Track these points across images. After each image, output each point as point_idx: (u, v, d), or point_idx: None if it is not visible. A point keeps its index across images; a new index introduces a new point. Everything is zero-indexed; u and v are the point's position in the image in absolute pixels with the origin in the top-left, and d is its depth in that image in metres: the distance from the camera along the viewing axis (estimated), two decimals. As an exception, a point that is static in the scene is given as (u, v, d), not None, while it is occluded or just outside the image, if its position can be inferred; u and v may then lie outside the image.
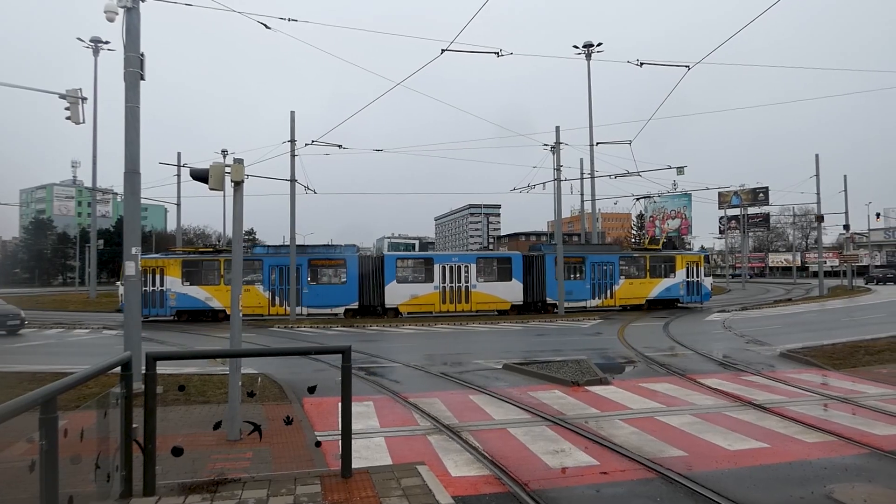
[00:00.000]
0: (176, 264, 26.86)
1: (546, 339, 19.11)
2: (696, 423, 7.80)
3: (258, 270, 27.15)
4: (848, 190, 47.19)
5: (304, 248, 28.98)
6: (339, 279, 27.66)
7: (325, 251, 29.07)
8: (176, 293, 26.49)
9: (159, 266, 26.76)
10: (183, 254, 28.09)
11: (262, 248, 29.02)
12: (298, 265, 26.79)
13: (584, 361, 12.65)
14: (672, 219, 78.75)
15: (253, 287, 26.90)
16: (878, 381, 10.57)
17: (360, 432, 7.35)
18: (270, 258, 27.36)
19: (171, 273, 26.62)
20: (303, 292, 27.07)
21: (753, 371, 11.88)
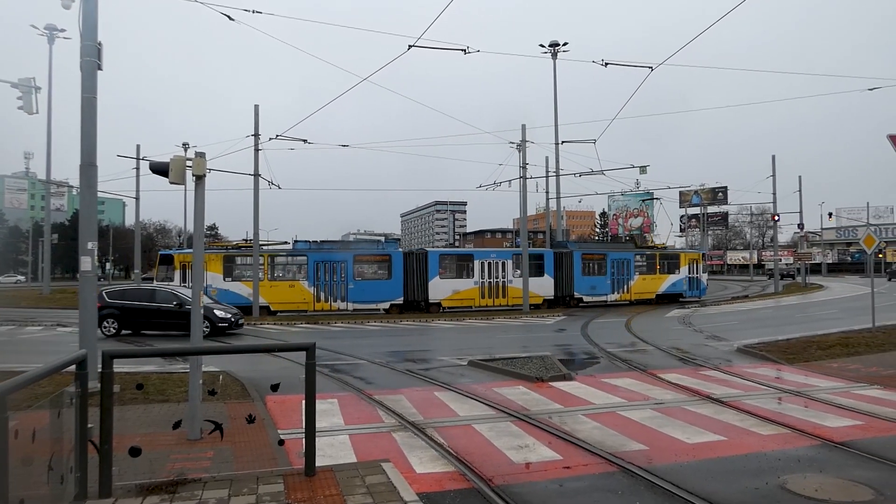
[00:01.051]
0: (217, 260, 26.27)
1: (511, 336, 19.24)
2: (657, 417, 7.96)
3: (303, 266, 27.18)
4: (802, 190, 48.74)
5: (348, 244, 30.20)
6: (385, 275, 28.01)
7: (368, 247, 29.78)
8: (217, 289, 25.83)
9: None
10: (224, 249, 27.59)
11: (304, 244, 28.82)
12: (344, 261, 27.18)
13: (548, 357, 12.78)
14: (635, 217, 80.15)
15: (298, 283, 27.01)
16: (829, 374, 10.94)
17: (324, 430, 7.29)
18: (315, 254, 27.36)
19: (212, 269, 25.93)
20: (348, 288, 27.32)
21: (712, 366, 12.18)
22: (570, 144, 34.83)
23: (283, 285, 26.87)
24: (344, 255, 27.42)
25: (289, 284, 26.89)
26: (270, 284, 26.52)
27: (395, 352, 15.25)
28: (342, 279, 26.97)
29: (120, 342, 17.68)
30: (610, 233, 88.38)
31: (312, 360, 5.28)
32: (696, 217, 75.74)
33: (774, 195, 43.74)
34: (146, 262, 58.55)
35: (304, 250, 27.63)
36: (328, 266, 27.17)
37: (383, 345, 17.00)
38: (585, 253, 31.80)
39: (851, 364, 11.84)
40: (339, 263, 27.16)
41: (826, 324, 19.80)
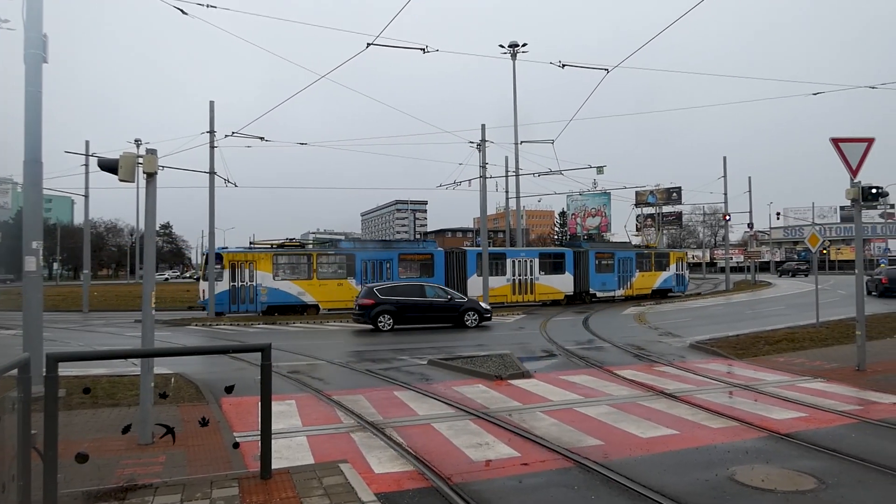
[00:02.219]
0: (267, 258, 26.41)
1: (472, 335, 19.31)
2: (612, 412, 8.11)
3: (351, 265, 27.68)
4: (752, 191, 50.39)
5: (389, 242, 31.75)
6: (427, 273, 28.65)
7: (410, 246, 30.79)
8: (267, 288, 26.03)
9: (249, 260, 26.18)
10: (273, 248, 27.66)
11: (348, 243, 29.86)
12: (389, 259, 28.10)
13: (507, 356, 12.89)
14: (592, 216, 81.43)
15: (346, 281, 27.41)
16: (776, 368, 11.33)
17: (281, 432, 7.19)
18: (363, 253, 28.20)
19: (262, 267, 26.10)
20: None
21: (665, 362, 12.47)
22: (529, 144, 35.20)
23: (332, 284, 27.28)
24: (389, 254, 28.37)
25: (337, 283, 27.33)
26: (319, 283, 27.00)
27: (355, 352, 15.15)
28: (388, 278, 27.63)
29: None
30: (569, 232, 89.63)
31: (268, 361, 5.19)
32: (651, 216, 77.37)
33: (726, 195, 45.11)
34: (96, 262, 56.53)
35: (352, 249, 28.53)
36: (375, 265, 27.99)
37: (343, 345, 16.87)
38: (598, 252, 33.67)
39: (797, 358, 12.29)
40: (384, 262, 28.07)
41: (774, 320, 20.50)
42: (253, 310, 26.00)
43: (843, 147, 10.55)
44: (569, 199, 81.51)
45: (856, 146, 10.57)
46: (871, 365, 10.94)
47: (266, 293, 25.97)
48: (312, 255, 27.37)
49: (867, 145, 10.60)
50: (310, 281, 26.76)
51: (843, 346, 13.24)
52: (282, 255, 27.02)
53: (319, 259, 27.45)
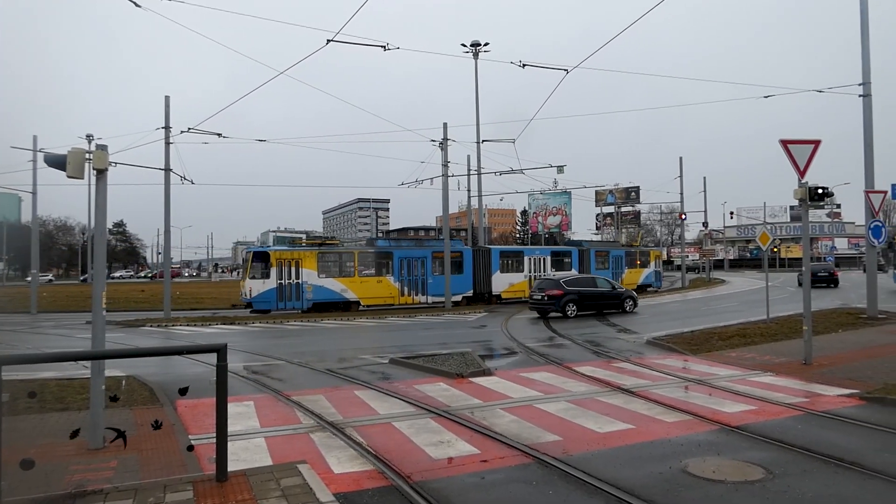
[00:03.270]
0: (312, 257, 27.07)
1: (433, 333, 19.33)
2: (571, 408, 8.23)
3: (389, 263, 28.79)
4: (707, 191, 51.76)
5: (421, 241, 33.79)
6: (457, 270, 30.09)
7: (440, 244, 31.00)
8: (312, 285, 26.75)
9: (295, 258, 26.73)
10: (317, 246, 28.45)
11: (385, 242, 30.88)
12: (423, 257, 29.39)
13: (468, 354, 12.94)
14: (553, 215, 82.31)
15: (385, 278, 28.60)
16: (729, 363, 11.67)
17: (238, 433, 7.08)
18: (400, 251, 29.35)
19: (308, 265, 26.77)
20: (428, 282, 29.42)
21: (623, 358, 12.71)
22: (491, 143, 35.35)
23: (372, 281, 28.33)
24: (424, 252, 29.67)
25: (376, 280, 28.43)
26: (361, 280, 28.02)
27: (315, 351, 15.00)
28: (422, 274, 29.19)
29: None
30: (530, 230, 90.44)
31: (224, 362, 5.10)
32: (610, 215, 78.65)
33: (682, 195, 46.26)
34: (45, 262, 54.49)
35: (390, 248, 29.60)
36: (411, 262, 29.19)
37: (303, 345, 16.68)
38: (597, 250, 36.60)
39: (748, 353, 12.68)
40: (419, 260, 29.30)
41: (727, 316, 21.11)
42: (298, 307, 26.53)
43: (792, 148, 10.92)
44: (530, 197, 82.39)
45: (803, 148, 10.95)
46: (817, 359, 11.36)
47: (311, 290, 26.73)
48: (355, 252, 28.56)
49: (814, 147, 10.99)
50: (352, 278, 27.84)
51: (791, 341, 13.71)
52: (326, 253, 27.85)
53: (361, 257, 28.52)
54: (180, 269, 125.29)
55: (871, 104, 18.04)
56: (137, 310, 29.86)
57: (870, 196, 17.27)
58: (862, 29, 17.86)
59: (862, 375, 9.94)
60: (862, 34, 17.87)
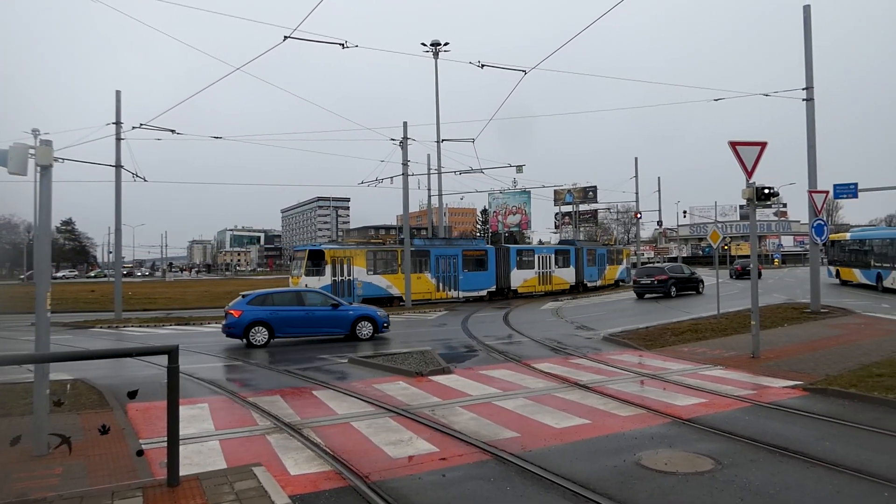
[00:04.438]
0: (361, 255, 28.62)
1: (393, 332, 19.27)
2: (529, 405, 8.30)
3: (427, 260, 30.46)
4: (661, 190, 52.91)
5: (451, 241, 35.63)
6: (483, 267, 32.34)
7: (467, 243, 34.50)
8: (362, 282, 28.13)
9: (347, 256, 28.02)
10: (364, 245, 30.39)
11: (421, 241, 32.16)
12: (455, 255, 31.34)
13: (428, 352, 12.93)
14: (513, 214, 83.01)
15: (424, 275, 30.27)
16: (681, 358, 11.96)
17: (191, 437, 6.91)
18: (436, 249, 31.03)
19: (358, 263, 28.23)
20: (459, 279, 31.32)
21: (580, 354, 12.90)
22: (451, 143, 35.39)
23: (413, 277, 29.46)
24: (455, 251, 31.63)
25: (416, 276, 29.81)
26: (403, 277, 29.20)
27: (273, 352, 14.77)
28: (454, 271, 31.16)
29: None
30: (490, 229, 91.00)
31: (175, 364, 4.97)
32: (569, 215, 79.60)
33: (637, 195, 47.28)
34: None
35: (427, 246, 31.10)
36: (445, 260, 31.07)
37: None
38: (588, 248, 39.98)
39: (699, 347, 13.02)
40: (452, 258, 31.20)
41: (680, 312, 21.65)
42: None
43: (740, 150, 11.25)
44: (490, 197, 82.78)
45: (751, 149, 11.29)
46: (765, 352, 11.74)
47: (361, 287, 28.03)
48: (398, 251, 29.73)
49: (761, 148, 11.35)
50: (396, 275, 29.27)
51: (740, 336, 14.14)
52: (375, 251, 29.66)
53: (404, 255, 29.43)
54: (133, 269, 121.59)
55: (813, 108, 18.74)
56: (87, 311, 28.84)
57: (813, 196, 17.95)
58: (805, 35, 18.53)
59: (805, 367, 10.32)
60: (805, 40, 18.54)
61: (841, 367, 10.13)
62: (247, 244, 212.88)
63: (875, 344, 12.55)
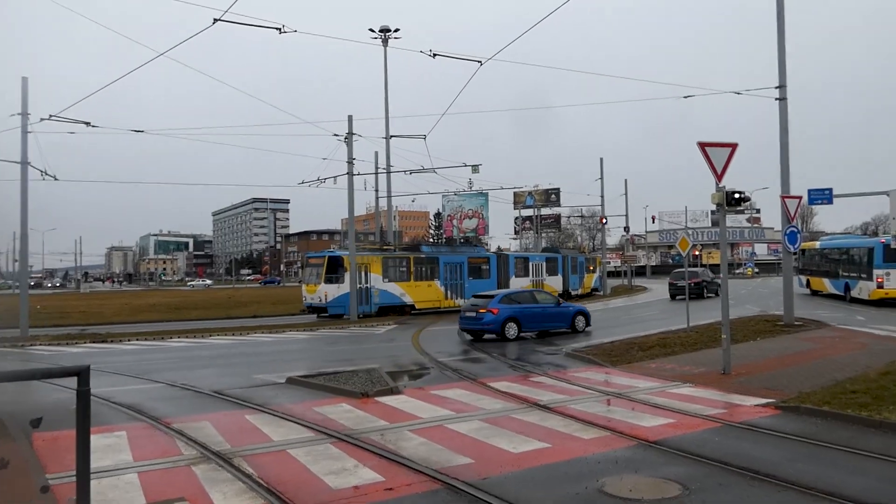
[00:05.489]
0: (378, 261, 30.15)
1: (338, 348, 19.15)
2: (485, 428, 8.36)
3: (436, 268, 32.43)
4: (628, 193, 54.01)
5: (456, 248, 37.73)
6: (486, 274, 34.56)
7: (470, 250, 36.47)
8: (379, 290, 29.79)
9: (364, 263, 29.33)
10: (379, 251, 31.94)
11: (429, 248, 34.79)
12: (460, 263, 33.42)
13: (375, 370, 12.89)
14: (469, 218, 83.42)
15: (433, 283, 32.26)
16: (649, 375, 12.24)
17: (106, 470, 6.71)
18: (445, 256, 33.23)
19: (374, 270, 29.77)
20: (465, 287, 32.87)
21: (541, 372, 13.06)
22: (401, 140, 35.44)
23: (423, 285, 31.77)
24: (460, 258, 33.70)
25: (427, 284, 31.95)
26: (415, 284, 31.32)
27: (202, 372, 14.47)
28: (460, 279, 33.16)
29: None
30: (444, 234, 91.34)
31: (86, 387, 4.77)
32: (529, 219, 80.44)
33: (602, 198, 48.13)
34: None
35: (436, 253, 33.41)
36: (453, 267, 33.05)
37: (187, 364, 16.04)
38: (572, 257, 43.71)
39: (668, 363, 13.35)
40: (458, 265, 33.26)
41: (648, 325, 22.16)
42: (368, 311, 29.03)
43: (710, 151, 11.62)
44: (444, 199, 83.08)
45: (721, 151, 11.67)
46: (736, 367, 12.13)
47: (378, 294, 29.69)
48: (410, 258, 31.86)
49: (731, 150, 11.74)
50: (408, 283, 31.22)
51: (710, 350, 14.55)
52: (389, 258, 31.20)
53: (416, 261, 31.73)
54: (42, 280, 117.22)
55: (787, 107, 19.51)
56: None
57: (785, 201, 18.69)
58: (778, 30, 19.32)
59: (778, 384, 10.71)
60: (778, 36, 19.33)
61: (814, 383, 10.55)
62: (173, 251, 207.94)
63: (850, 358, 13.12)
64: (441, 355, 16.05)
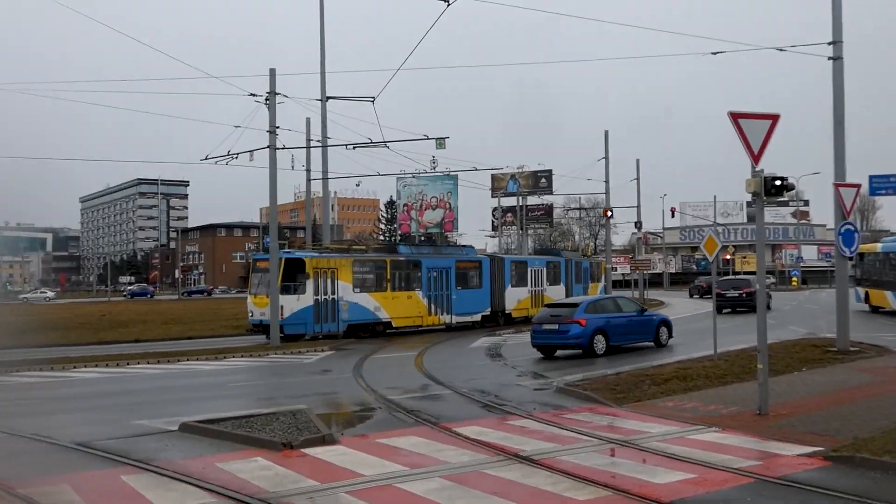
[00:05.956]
0: (347, 265, 30.45)
1: (253, 383, 19.01)
2: (447, 488, 8.38)
3: (417, 274, 33.16)
4: (641, 178, 54.40)
5: (439, 248, 39.15)
6: (477, 283, 35.60)
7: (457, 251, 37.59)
8: (348, 302, 29.91)
9: (331, 268, 29.60)
10: (348, 251, 32.48)
11: (407, 248, 35.53)
12: (447, 268, 34.18)
13: (302, 413, 12.80)
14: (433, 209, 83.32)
15: (414, 293, 32.73)
16: (664, 416, 12.40)
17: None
18: (429, 259, 33.99)
19: (343, 277, 29.97)
20: (452, 298, 33.97)
21: (524, 412, 13.14)
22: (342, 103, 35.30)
23: (402, 296, 32.20)
24: (447, 262, 34.63)
25: (407, 295, 32.38)
26: (392, 296, 31.76)
27: (64, 417, 14.24)
28: (446, 289, 33.84)
29: None
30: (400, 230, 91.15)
31: None
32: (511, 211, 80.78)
33: (607, 184, 48.60)
34: None
35: (417, 255, 34.05)
36: (438, 274, 33.72)
37: (45, 406, 15.76)
38: (575, 261, 45.98)
39: (689, 402, 13.56)
40: (444, 270, 34.11)
41: (664, 351, 22.49)
42: (334, 329, 29.44)
43: (744, 125, 11.81)
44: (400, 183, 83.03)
45: (758, 124, 11.87)
46: (775, 407, 12.36)
47: (347, 309, 29.84)
48: (387, 261, 32.41)
49: (771, 123, 11.96)
50: (384, 293, 31.58)
51: (743, 384, 14.83)
52: (361, 260, 31.74)
53: (393, 266, 32.21)
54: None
55: (842, 69, 19.93)
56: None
57: (840, 190, 19.10)
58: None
59: (828, 428, 10.95)
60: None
61: (874, 426, 10.79)
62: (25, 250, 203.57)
63: (919, 394, 13.49)
64: (392, 391, 16.03)
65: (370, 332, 30.84)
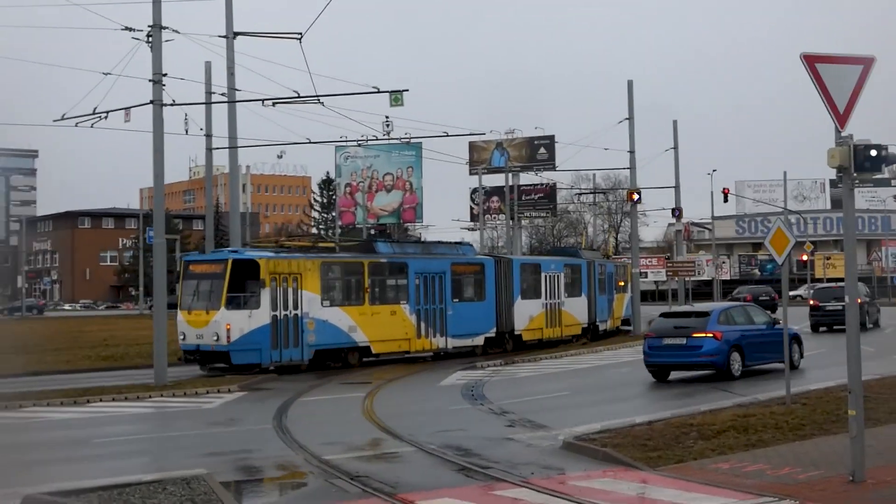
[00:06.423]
0: (314, 270, 31.11)
1: (130, 437, 18.83)
2: None
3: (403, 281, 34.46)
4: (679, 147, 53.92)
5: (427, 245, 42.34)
6: (478, 294, 37.14)
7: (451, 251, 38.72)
8: (315, 320, 30.49)
9: (293, 273, 30.24)
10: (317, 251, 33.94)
11: (387, 246, 36.55)
12: (441, 273, 35.41)
13: (199, 480, 12.67)
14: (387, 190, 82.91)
15: (399, 308, 33.85)
16: (717, 484, 12.29)
17: None
18: (417, 261, 35.35)
19: (309, 285, 30.68)
20: (447, 314, 35.14)
21: (517, 479, 13.02)
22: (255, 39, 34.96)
23: (385, 312, 33.23)
24: (441, 265, 35.98)
25: (390, 311, 33.49)
26: (372, 311, 32.85)
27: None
28: (440, 302, 35.01)
29: None
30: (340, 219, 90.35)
31: None
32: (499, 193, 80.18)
33: (632, 155, 47.95)
34: None
35: (402, 256, 35.43)
36: (428, 281, 34.93)
37: None
38: (599, 263, 47.79)
39: (752, 463, 13.50)
40: (438, 277, 35.38)
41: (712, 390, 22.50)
42: (297, 358, 30.12)
43: (822, 71, 11.62)
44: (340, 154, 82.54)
45: (844, 70, 11.70)
46: (874, 470, 12.29)
47: (314, 329, 30.42)
48: (363, 263, 33.63)
49: (863, 70, 11.81)
50: (361, 307, 32.61)
51: (829, 438, 14.84)
52: (332, 262, 32.91)
53: (372, 270, 33.45)
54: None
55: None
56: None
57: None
58: None
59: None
60: None
61: None
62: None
63: None
64: (330, 448, 15.91)
65: (342, 360, 31.50)
